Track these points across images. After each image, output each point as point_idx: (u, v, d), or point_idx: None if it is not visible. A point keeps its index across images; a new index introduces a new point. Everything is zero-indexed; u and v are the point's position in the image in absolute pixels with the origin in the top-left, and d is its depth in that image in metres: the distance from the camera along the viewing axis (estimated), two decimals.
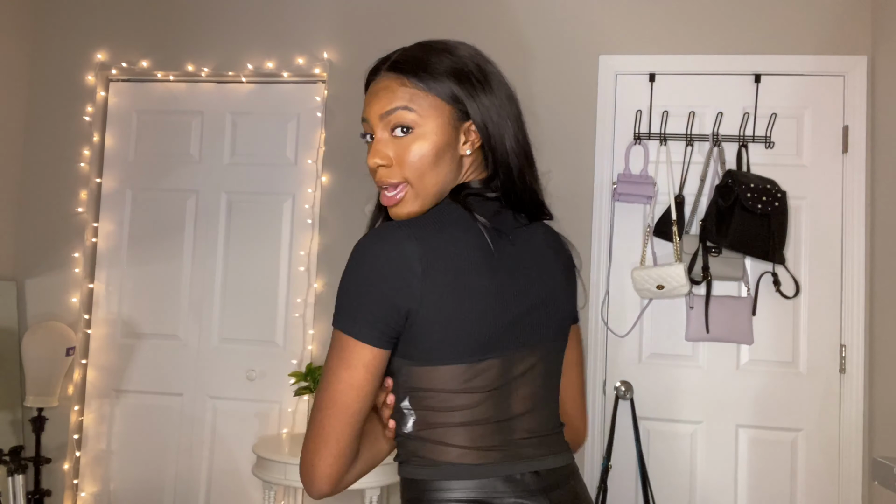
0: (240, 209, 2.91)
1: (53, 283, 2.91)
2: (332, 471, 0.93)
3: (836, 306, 2.51)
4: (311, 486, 0.94)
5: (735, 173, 2.48)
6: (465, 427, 0.96)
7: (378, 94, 1.01)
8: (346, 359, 0.92)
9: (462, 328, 0.94)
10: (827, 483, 2.47)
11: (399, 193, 0.99)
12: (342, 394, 0.92)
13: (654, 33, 2.67)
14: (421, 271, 0.92)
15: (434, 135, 0.99)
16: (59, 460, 2.83)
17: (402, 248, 0.92)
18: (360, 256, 0.94)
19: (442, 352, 0.95)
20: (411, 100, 0.99)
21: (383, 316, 0.92)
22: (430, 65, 1.01)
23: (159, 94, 2.99)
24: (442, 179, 1.00)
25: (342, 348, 0.93)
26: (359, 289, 0.93)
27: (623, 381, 2.58)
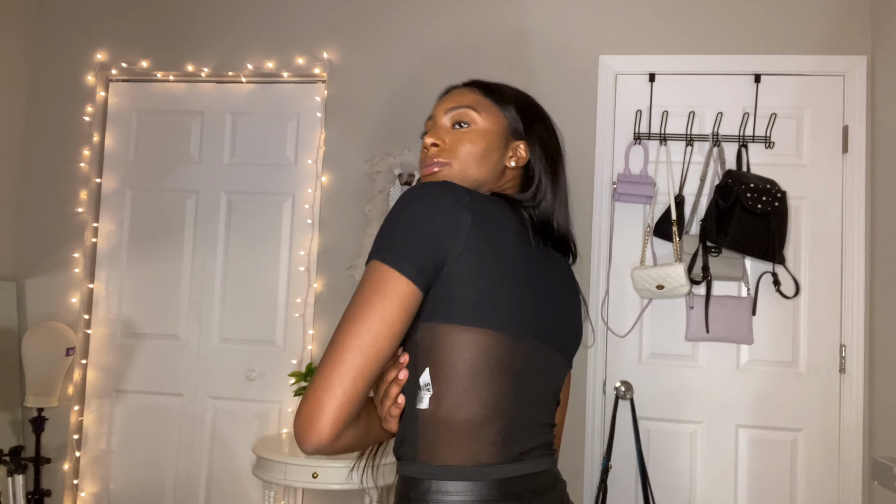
0: (240, 209, 2.91)
1: (53, 283, 2.91)
2: (341, 415, 0.85)
3: (836, 306, 2.51)
4: (312, 431, 0.85)
5: (735, 173, 2.48)
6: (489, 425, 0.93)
7: (450, 96, 1.13)
8: (381, 290, 0.88)
9: (499, 295, 0.93)
10: (827, 483, 2.47)
11: (438, 167, 1.06)
12: (371, 325, 0.87)
13: (654, 33, 2.67)
14: (469, 225, 0.92)
15: (488, 135, 1.09)
16: (59, 460, 2.83)
17: (457, 197, 0.94)
18: (411, 196, 0.94)
19: (482, 312, 0.92)
20: (476, 104, 1.10)
21: (426, 251, 0.90)
22: (501, 89, 1.15)
23: (159, 94, 3.00)
24: (482, 176, 1.08)
25: (378, 279, 0.89)
26: (405, 224, 0.91)
27: (623, 381, 2.58)
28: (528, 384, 0.98)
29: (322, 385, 0.85)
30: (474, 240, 0.92)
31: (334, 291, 2.77)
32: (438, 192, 0.94)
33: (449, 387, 0.92)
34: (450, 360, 0.92)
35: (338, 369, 0.85)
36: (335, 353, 0.86)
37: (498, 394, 0.94)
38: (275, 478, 2.28)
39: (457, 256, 0.91)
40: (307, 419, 0.85)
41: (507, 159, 1.11)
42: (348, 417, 0.86)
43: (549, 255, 1.08)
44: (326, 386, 0.85)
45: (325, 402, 0.84)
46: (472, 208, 0.94)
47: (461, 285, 0.91)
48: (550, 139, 1.15)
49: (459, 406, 0.92)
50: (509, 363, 0.95)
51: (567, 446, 2.59)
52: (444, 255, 0.91)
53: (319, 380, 0.86)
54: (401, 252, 0.89)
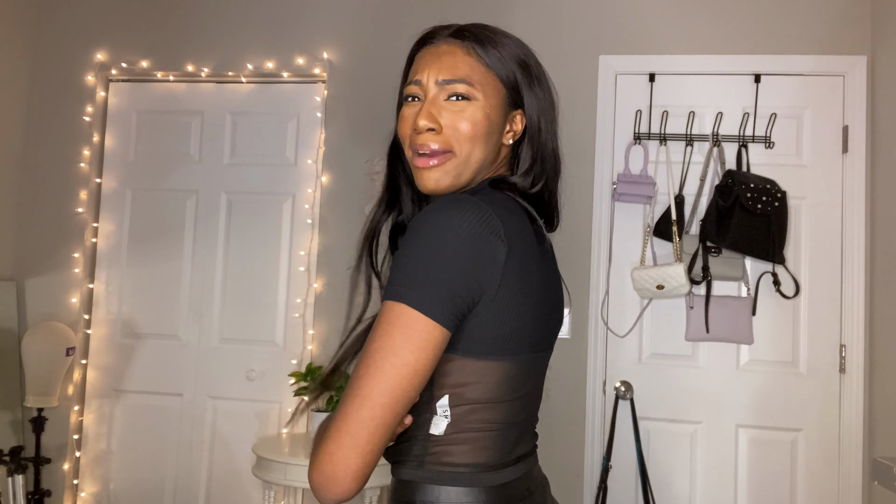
0: (240, 209, 2.91)
1: (53, 283, 2.91)
2: (367, 471, 0.80)
3: (836, 306, 2.51)
4: (335, 489, 0.79)
5: (735, 173, 2.48)
6: (499, 432, 0.91)
7: (440, 58, 0.96)
8: (415, 340, 0.80)
9: (524, 323, 0.88)
10: (827, 483, 2.47)
11: (438, 159, 0.92)
12: (404, 380, 0.80)
13: (654, 33, 2.67)
14: (504, 257, 0.84)
15: (489, 110, 0.94)
16: (59, 460, 2.83)
17: (491, 223, 0.84)
18: (439, 225, 0.82)
19: (508, 345, 0.88)
20: (473, 72, 0.95)
21: (459, 293, 0.81)
22: (499, 43, 0.98)
23: (159, 94, 2.99)
24: (483, 159, 0.95)
25: (409, 327, 0.80)
26: (435, 259, 0.81)
27: (623, 381, 2.58)
28: (526, 394, 0.97)
29: (348, 441, 0.78)
30: (509, 275, 0.85)
31: (334, 291, 2.77)
32: (471, 221, 0.83)
33: (464, 413, 0.89)
34: (467, 391, 0.88)
35: (368, 423, 0.79)
36: (364, 405, 0.79)
37: (508, 411, 0.93)
38: (275, 478, 2.28)
39: (493, 295, 0.84)
40: (332, 476, 0.79)
41: (504, 136, 0.98)
42: (372, 470, 0.81)
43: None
44: (354, 443, 0.78)
45: (352, 459, 0.78)
46: (506, 237, 0.85)
47: (491, 322, 0.86)
48: (546, 101, 1.01)
49: (472, 428, 0.90)
50: (520, 383, 0.93)
51: (567, 446, 2.59)
52: (480, 294, 0.83)
53: (345, 435, 0.79)
54: (432, 295, 0.80)
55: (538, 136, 0.99)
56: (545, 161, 1.00)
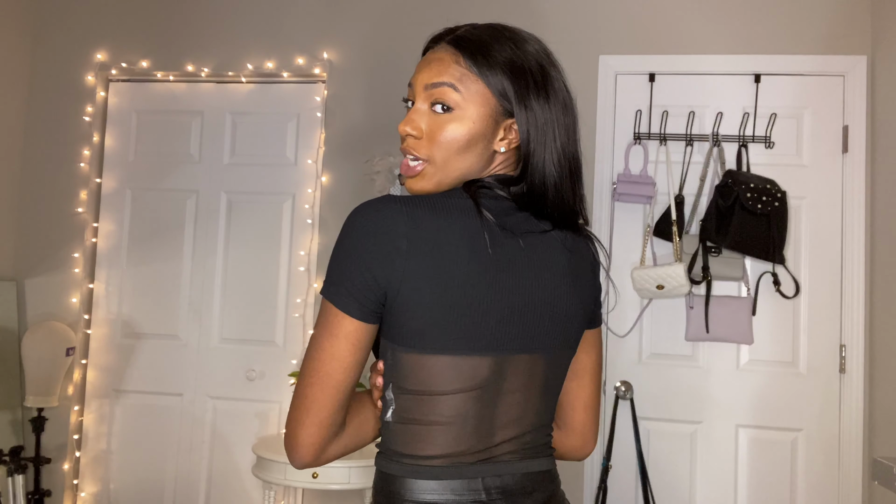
0: (240, 209, 2.91)
1: (53, 283, 2.91)
2: (314, 440, 0.93)
3: (836, 306, 2.51)
4: (293, 456, 0.94)
5: (735, 173, 2.48)
6: (444, 426, 0.93)
7: (430, 64, 0.99)
8: (329, 328, 0.92)
9: (448, 317, 0.90)
10: (827, 483, 2.47)
11: (419, 166, 0.97)
12: (324, 363, 0.92)
13: (654, 33, 2.67)
14: (405, 249, 0.89)
15: (472, 122, 0.95)
16: (59, 460, 2.83)
17: (391, 222, 0.89)
18: (349, 224, 0.93)
19: (428, 339, 0.91)
20: (460, 80, 0.96)
21: (363, 287, 0.90)
22: (491, 51, 0.98)
23: (159, 94, 2.99)
24: (466, 167, 0.97)
25: (325, 317, 0.92)
26: (344, 257, 0.91)
27: (623, 381, 2.58)
28: (503, 397, 0.95)
29: (293, 416, 0.94)
30: (413, 265, 0.88)
31: None
32: (373, 220, 0.90)
33: (409, 403, 0.94)
34: (404, 379, 0.94)
35: (303, 402, 0.93)
36: (299, 388, 0.94)
37: (455, 405, 0.93)
38: (275, 478, 2.28)
39: (396, 288, 0.89)
40: (288, 447, 0.94)
41: (496, 143, 0.98)
42: (324, 439, 0.93)
43: (531, 239, 0.97)
44: (297, 417, 0.93)
45: (298, 433, 0.93)
46: (407, 232, 0.89)
47: (407, 313, 0.90)
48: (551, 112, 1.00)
49: (413, 419, 0.94)
50: (475, 383, 0.93)
51: None
52: (384, 285, 0.90)
53: (291, 411, 0.95)
54: (342, 289, 0.91)
55: (528, 146, 0.98)
56: (545, 168, 0.98)
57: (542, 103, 0.99)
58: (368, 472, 2.23)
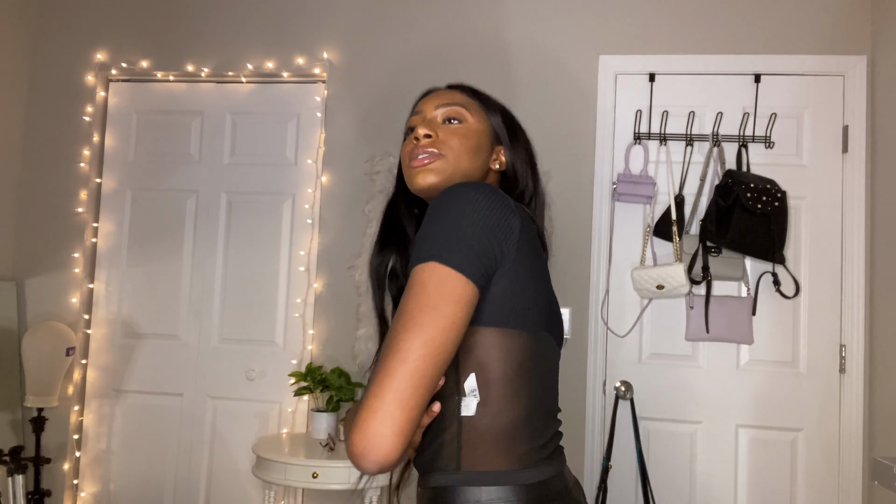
0: (240, 209, 2.91)
1: (53, 283, 2.91)
2: (411, 427, 0.78)
3: (836, 306, 2.51)
4: (382, 447, 0.76)
5: (735, 173, 2.48)
6: (528, 418, 0.92)
7: (439, 94, 1.14)
8: (449, 293, 0.82)
9: (535, 298, 0.95)
10: (827, 483, 2.47)
11: (430, 159, 1.05)
12: (444, 332, 0.81)
13: (654, 33, 2.67)
14: (519, 229, 0.93)
15: (477, 134, 1.10)
16: (59, 460, 2.83)
17: (505, 199, 0.93)
18: (460, 196, 0.89)
19: (526, 316, 0.93)
20: (467, 103, 1.12)
21: (486, 253, 0.87)
22: (486, 97, 1.17)
23: (159, 94, 3.00)
24: (472, 171, 1.08)
25: (443, 282, 0.83)
26: (462, 225, 0.87)
27: (623, 381, 2.58)
28: (549, 380, 0.99)
29: (392, 397, 0.77)
30: (523, 245, 0.93)
31: (334, 291, 2.77)
32: (489, 193, 0.91)
33: (492, 392, 0.90)
34: (492, 364, 0.90)
35: (409, 378, 0.78)
36: (405, 361, 0.79)
37: (534, 395, 0.94)
38: (275, 478, 2.28)
39: (511, 261, 0.91)
40: (377, 434, 0.77)
41: (492, 161, 1.13)
42: (413, 431, 0.79)
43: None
44: (398, 398, 0.77)
45: (397, 414, 0.77)
46: (520, 215, 0.94)
47: (509, 290, 0.91)
48: (530, 150, 1.19)
49: (502, 410, 0.91)
50: (539, 362, 0.96)
51: (567, 446, 2.59)
52: (501, 258, 0.89)
53: (388, 391, 0.78)
54: (462, 254, 0.85)
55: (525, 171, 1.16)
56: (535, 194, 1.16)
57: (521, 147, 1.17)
58: None
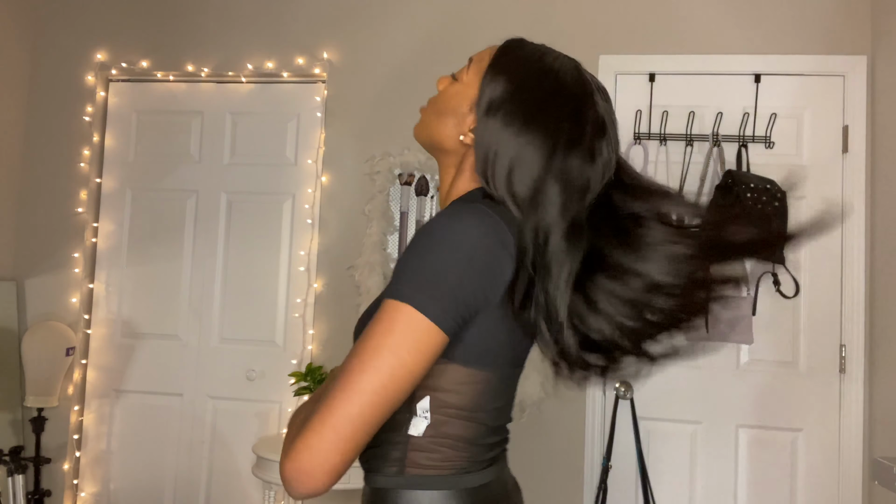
0: (240, 209, 2.91)
1: (53, 283, 2.91)
2: (344, 468, 0.77)
3: (836, 306, 2.51)
4: (310, 482, 0.76)
5: (735, 173, 2.48)
6: (476, 439, 0.91)
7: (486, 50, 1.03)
8: (415, 341, 0.78)
9: (512, 337, 0.89)
10: (827, 483, 2.47)
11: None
12: (398, 381, 0.78)
13: (654, 33, 2.67)
14: (512, 269, 0.84)
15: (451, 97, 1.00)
16: (59, 460, 2.83)
17: (504, 237, 0.84)
18: (456, 230, 0.82)
19: (495, 358, 0.89)
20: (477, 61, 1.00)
21: (466, 302, 0.81)
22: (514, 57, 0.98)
23: (159, 94, 2.99)
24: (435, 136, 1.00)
25: (412, 328, 0.79)
26: (448, 267, 0.81)
27: (623, 381, 2.58)
28: (505, 405, 0.97)
29: (331, 437, 0.76)
30: (510, 290, 0.85)
31: (334, 291, 2.77)
32: (485, 231, 0.82)
33: (443, 416, 0.88)
34: (450, 396, 0.88)
35: (351, 422, 0.76)
36: (352, 402, 0.77)
37: (484, 421, 0.92)
38: (275, 478, 2.28)
39: (495, 304, 0.84)
40: (308, 471, 0.76)
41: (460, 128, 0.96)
42: (347, 469, 0.78)
43: None
44: (336, 439, 0.76)
45: (332, 455, 0.76)
46: (512, 250, 0.85)
47: (486, 333, 0.86)
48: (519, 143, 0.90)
49: (451, 431, 0.89)
50: (497, 397, 0.93)
51: (567, 446, 2.59)
52: (483, 304, 0.83)
53: (329, 429, 0.76)
54: (438, 299, 0.79)
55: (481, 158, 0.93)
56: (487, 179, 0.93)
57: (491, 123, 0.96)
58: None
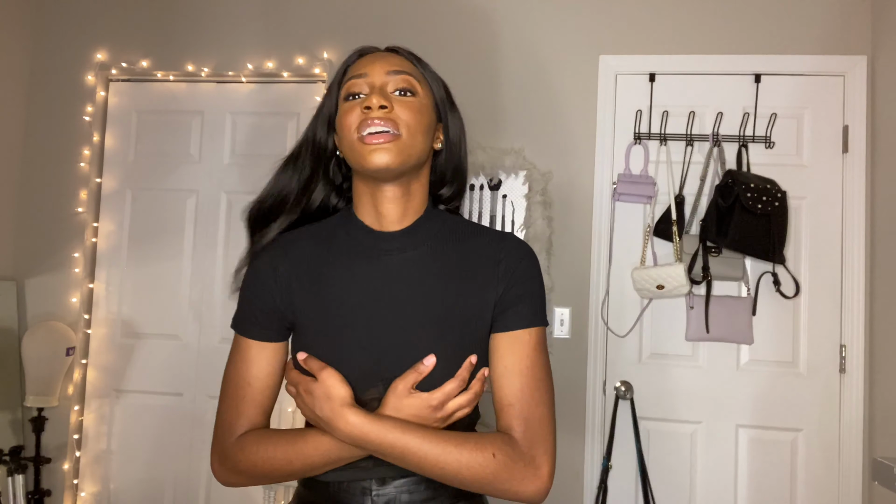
0: (240, 209, 2.91)
1: (53, 283, 2.91)
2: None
3: (836, 306, 2.51)
4: (551, 479, 0.98)
5: (735, 173, 2.48)
6: None
7: (385, 58, 1.04)
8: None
9: None
10: (827, 483, 2.47)
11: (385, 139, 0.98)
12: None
13: (654, 33, 2.67)
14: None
15: (428, 110, 1.04)
16: (59, 460, 2.83)
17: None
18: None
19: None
20: (417, 75, 1.05)
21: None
22: (427, 65, 1.09)
23: (159, 94, 2.99)
24: (423, 151, 1.04)
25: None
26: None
27: (623, 381, 2.58)
28: None
29: (553, 434, 1.02)
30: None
31: None
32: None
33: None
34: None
35: (554, 424, 1.02)
36: (553, 415, 1.02)
37: None
38: None
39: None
40: (553, 471, 0.98)
41: (434, 140, 1.08)
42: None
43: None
44: (552, 433, 1.01)
45: (551, 445, 1.00)
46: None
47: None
48: (461, 127, 1.13)
49: None
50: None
51: (567, 446, 2.59)
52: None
53: (553, 431, 1.01)
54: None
55: (458, 152, 1.12)
56: (462, 176, 1.14)
57: (459, 119, 1.12)
58: None
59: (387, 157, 0.98)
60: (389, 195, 1.04)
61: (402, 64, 1.04)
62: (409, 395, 0.95)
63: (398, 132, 0.99)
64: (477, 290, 1.02)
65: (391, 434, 0.92)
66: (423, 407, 0.95)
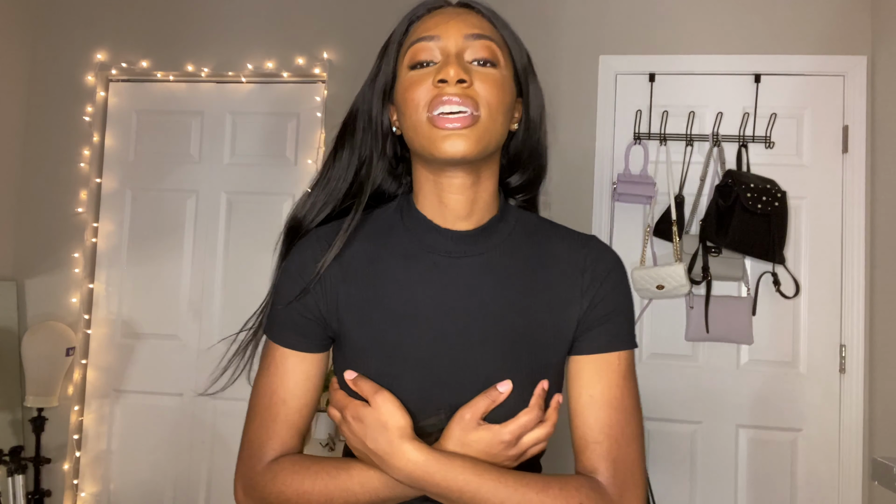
0: (240, 209, 2.91)
1: (53, 283, 2.91)
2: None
3: (836, 306, 2.51)
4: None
5: (735, 173, 2.48)
6: None
7: (462, 17, 0.84)
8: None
9: None
10: (827, 483, 2.47)
11: (463, 124, 0.80)
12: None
13: (654, 33, 2.67)
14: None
15: (511, 86, 0.86)
16: (59, 460, 2.83)
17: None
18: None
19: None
20: (497, 38, 0.86)
21: None
22: (508, 25, 0.90)
23: (159, 94, 2.99)
24: (501, 136, 0.85)
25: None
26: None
27: None
28: None
29: (643, 464, 0.92)
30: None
31: None
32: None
33: None
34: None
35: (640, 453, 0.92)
36: (642, 446, 0.92)
37: None
38: None
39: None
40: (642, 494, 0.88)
41: (512, 120, 0.89)
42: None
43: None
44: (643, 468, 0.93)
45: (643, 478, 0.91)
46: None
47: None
48: (541, 98, 0.94)
49: None
50: None
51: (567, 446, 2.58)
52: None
53: (643, 461, 0.90)
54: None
55: (538, 133, 0.92)
56: (539, 161, 0.95)
57: (539, 89, 0.93)
58: None
59: (464, 145, 0.80)
60: (457, 183, 0.86)
61: (482, 26, 0.84)
62: (477, 428, 0.79)
63: (478, 112, 0.80)
64: (557, 305, 0.87)
65: (461, 476, 0.76)
66: (495, 442, 0.79)
